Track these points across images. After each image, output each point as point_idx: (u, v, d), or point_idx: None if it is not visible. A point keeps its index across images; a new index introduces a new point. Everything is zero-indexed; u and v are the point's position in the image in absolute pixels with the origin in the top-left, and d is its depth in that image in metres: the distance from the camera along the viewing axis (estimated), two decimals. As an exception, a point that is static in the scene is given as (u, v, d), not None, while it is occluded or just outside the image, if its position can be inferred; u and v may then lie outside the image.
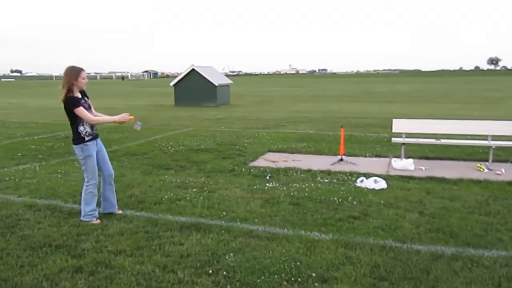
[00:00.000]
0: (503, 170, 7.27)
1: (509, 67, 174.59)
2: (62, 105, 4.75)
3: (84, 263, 3.83)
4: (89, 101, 4.96)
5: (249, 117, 17.79)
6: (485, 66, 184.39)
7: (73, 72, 4.74)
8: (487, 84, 53.95)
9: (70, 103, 4.69)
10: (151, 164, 8.14)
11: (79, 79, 4.74)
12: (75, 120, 4.77)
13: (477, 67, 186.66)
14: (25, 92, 50.16)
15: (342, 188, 6.31)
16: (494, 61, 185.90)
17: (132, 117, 4.99)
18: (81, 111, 4.71)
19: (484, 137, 8.10)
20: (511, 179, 6.70)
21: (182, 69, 26.50)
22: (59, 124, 14.84)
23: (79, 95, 4.82)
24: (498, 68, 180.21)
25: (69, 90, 4.70)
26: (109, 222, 4.89)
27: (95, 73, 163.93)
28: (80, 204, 5.06)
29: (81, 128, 4.79)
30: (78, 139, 4.81)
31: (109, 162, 5.20)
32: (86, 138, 4.83)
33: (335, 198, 5.76)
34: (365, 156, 8.82)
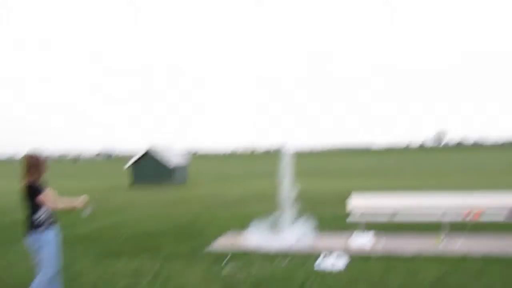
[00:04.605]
0: (458, 243, 7.40)
1: (451, 143, 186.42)
2: (23, 191, 4.62)
3: None
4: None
5: (207, 196, 17.61)
6: (431, 141, 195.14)
7: (40, 162, 4.70)
8: (434, 160, 56.86)
9: (36, 190, 4.59)
10: (103, 250, 7.71)
11: (43, 168, 4.72)
12: (35, 207, 4.61)
13: (422, 145, 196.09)
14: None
15: (302, 268, 6.18)
16: (439, 137, 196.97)
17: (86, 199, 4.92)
18: (46, 197, 4.60)
19: (438, 210, 8.31)
20: (465, 252, 6.82)
21: (138, 148, 26.30)
22: None
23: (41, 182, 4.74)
24: (442, 144, 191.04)
25: (33, 177, 4.63)
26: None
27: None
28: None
29: (39, 214, 4.61)
30: (35, 226, 4.60)
31: (59, 254, 4.90)
32: (44, 226, 4.63)
33: (296, 281, 5.60)
34: (323, 234, 8.78)
